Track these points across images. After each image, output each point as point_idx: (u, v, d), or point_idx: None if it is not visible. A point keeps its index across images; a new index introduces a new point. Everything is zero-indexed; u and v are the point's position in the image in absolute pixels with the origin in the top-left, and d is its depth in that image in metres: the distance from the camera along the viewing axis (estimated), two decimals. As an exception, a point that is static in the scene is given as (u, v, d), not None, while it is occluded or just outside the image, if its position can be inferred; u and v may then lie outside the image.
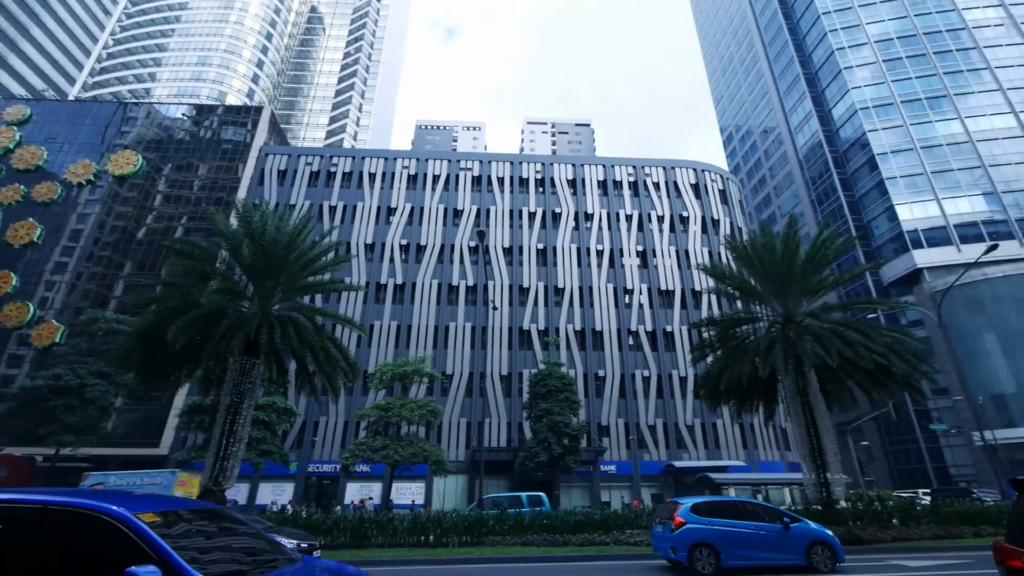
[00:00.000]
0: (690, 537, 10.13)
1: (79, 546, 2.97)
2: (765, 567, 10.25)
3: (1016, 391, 39.66)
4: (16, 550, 2.91)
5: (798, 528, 10.49)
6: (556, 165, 45.73)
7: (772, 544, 10.31)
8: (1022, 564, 4.46)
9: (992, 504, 17.09)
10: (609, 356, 38.45)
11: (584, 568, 11.56)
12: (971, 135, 49.87)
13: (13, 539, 2.92)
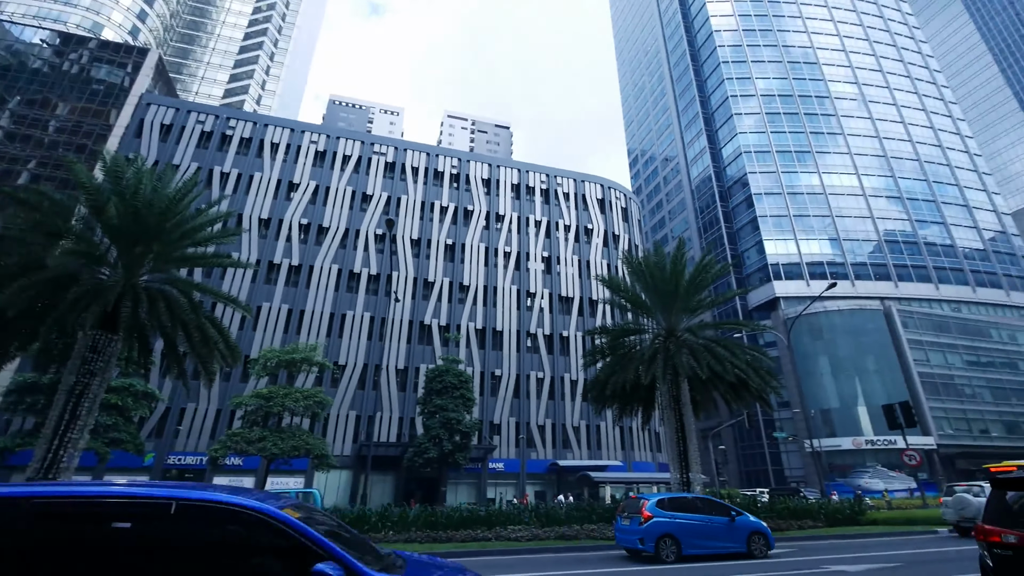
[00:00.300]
0: (657, 529, 11.30)
1: (251, 545, 3.12)
2: (715, 554, 11.67)
3: (839, 407, 47.24)
4: (189, 546, 3.01)
5: (741, 520, 12.06)
6: (473, 163, 45.79)
7: (722, 534, 11.80)
8: (1000, 539, 5.34)
9: (813, 501, 20.19)
10: (507, 356, 39.31)
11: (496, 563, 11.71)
12: (825, 188, 58.54)
13: (191, 535, 3.02)
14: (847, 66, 67.93)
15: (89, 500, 3.01)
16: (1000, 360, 52.24)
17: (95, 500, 3.01)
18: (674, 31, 77.80)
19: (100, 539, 2.92)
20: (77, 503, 2.99)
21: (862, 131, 63.07)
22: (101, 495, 3.05)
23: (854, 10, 73.84)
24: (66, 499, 2.99)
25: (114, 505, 3.02)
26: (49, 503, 2.94)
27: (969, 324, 53.09)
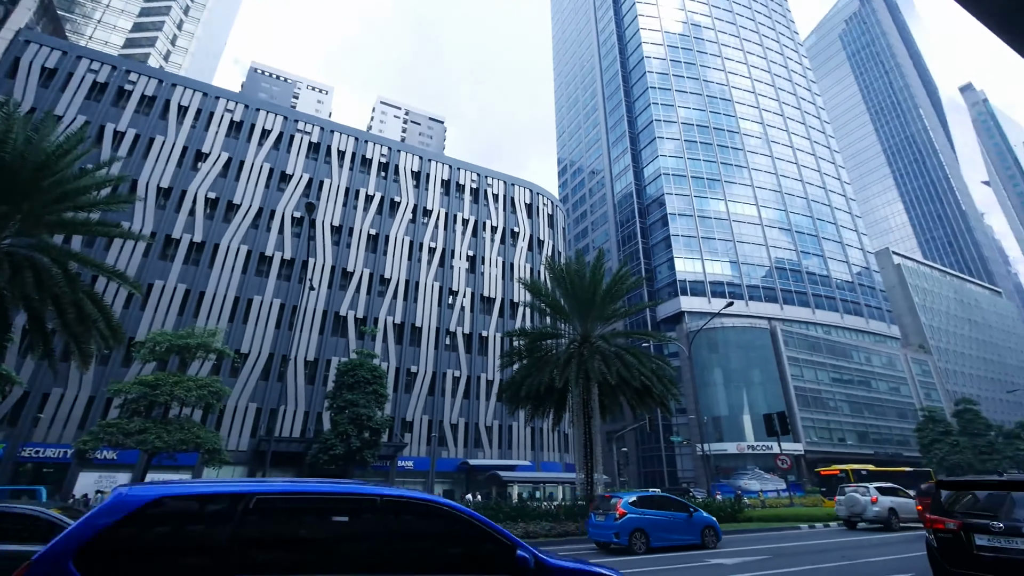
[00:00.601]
0: (630, 524, 12.67)
1: (446, 533, 3.72)
2: (677, 545, 13.17)
3: (728, 414, 51.90)
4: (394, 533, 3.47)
5: (697, 516, 13.71)
6: (404, 153, 44.70)
7: (682, 528, 13.35)
8: (944, 526, 6.73)
9: (701, 500, 22.05)
10: (425, 353, 38.78)
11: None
12: (730, 215, 64.15)
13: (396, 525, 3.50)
14: (755, 107, 75.02)
15: (302, 495, 3.58)
16: (858, 378, 60.30)
17: (308, 495, 3.61)
18: (609, 51, 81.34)
19: (322, 525, 3.57)
20: (288, 498, 3.48)
21: (763, 167, 69.96)
22: (318, 492, 3.65)
23: (764, 58, 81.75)
24: (279, 495, 3.44)
25: (332, 500, 3.63)
26: (265, 498, 3.35)
27: (836, 346, 60.72)
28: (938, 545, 6.73)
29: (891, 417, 60.32)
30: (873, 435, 57.72)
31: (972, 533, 6.35)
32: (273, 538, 3.34)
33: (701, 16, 79.49)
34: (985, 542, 6.22)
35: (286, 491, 3.47)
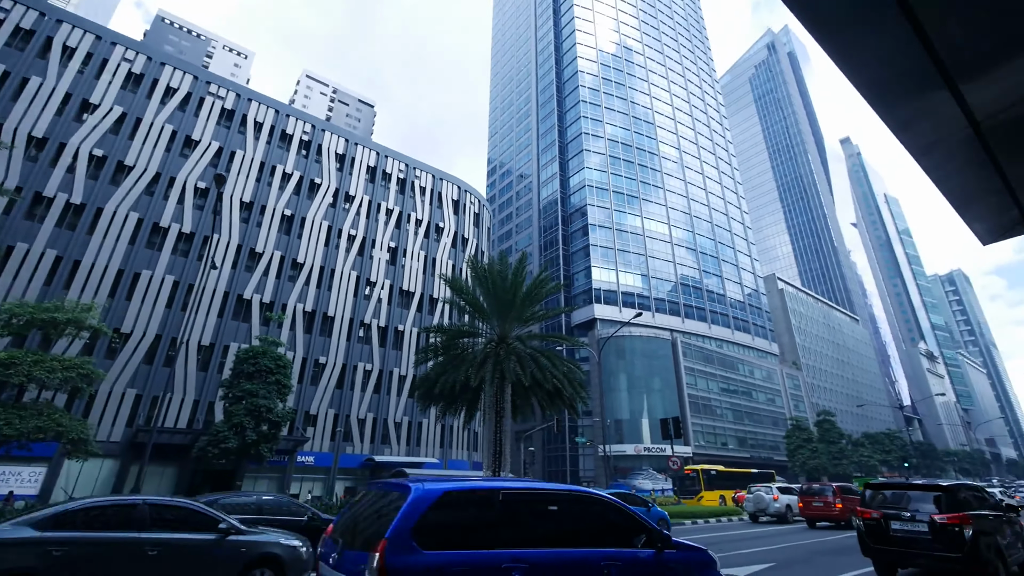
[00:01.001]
0: None
1: (608, 518, 5.09)
2: None
3: (629, 418, 55.15)
4: (581, 516, 4.99)
5: (654, 510, 15.95)
6: (329, 134, 42.48)
7: None
8: (870, 515, 9.05)
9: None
10: (336, 344, 37.12)
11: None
12: (644, 231, 68.29)
13: (582, 511, 5.05)
14: (674, 133, 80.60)
15: (530, 491, 4.91)
16: (741, 389, 66.83)
17: (533, 491, 4.94)
18: (546, 60, 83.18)
19: (538, 512, 4.81)
20: (523, 492, 4.80)
21: (677, 189, 75.32)
22: (538, 488, 5.03)
23: (685, 89, 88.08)
24: (518, 491, 4.76)
25: (547, 494, 4.99)
26: (504, 492, 4.61)
27: (726, 359, 66.85)
28: (865, 529, 9.14)
29: (767, 425, 67.58)
30: (751, 440, 64.29)
31: (889, 520, 8.93)
32: (514, 519, 4.56)
33: (633, 41, 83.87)
34: (897, 526, 8.82)
35: (521, 488, 4.84)
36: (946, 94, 2.61)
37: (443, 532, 4.12)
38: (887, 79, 2.64)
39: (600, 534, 4.91)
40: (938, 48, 2.21)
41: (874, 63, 2.43)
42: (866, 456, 61.51)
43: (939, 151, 3.19)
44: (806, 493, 20.48)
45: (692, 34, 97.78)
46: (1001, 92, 2.59)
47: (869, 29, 2.09)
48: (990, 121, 2.78)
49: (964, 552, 8.07)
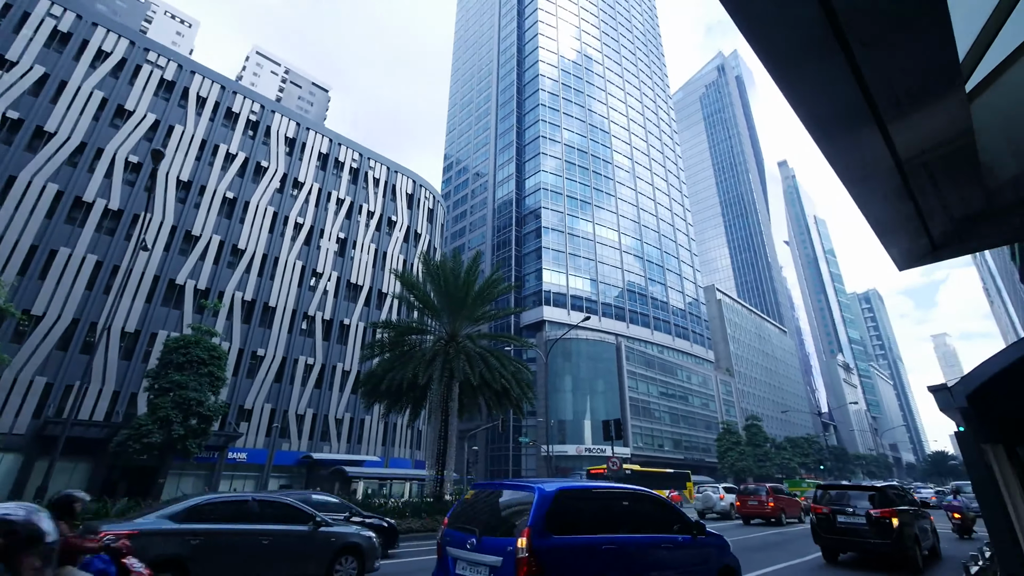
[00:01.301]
0: None
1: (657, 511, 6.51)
2: None
3: (572, 419, 56.28)
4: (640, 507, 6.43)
5: None
6: (279, 116, 40.63)
7: None
8: (821, 510, 11.13)
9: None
10: (276, 336, 35.56)
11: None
12: (595, 237, 69.96)
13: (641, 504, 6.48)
14: (628, 143, 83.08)
15: (611, 490, 6.40)
16: (679, 393, 69.82)
17: (614, 490, 6.43)
18: (507, 61, 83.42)
19: (616, 506, 6.14)
20: (605, 491, 6.30)
21: (628, 198, 77.69)
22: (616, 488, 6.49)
23: (640, 101, 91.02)
24: (604, 489, 6.31)
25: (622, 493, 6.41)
26: (609, 494, 6.27)
27: (666, 364, 69.63)
28: (817, 522, 11.41)
29: (700, 428, 70.96)
30: (685, 443, 67.28)
31: (836, 514, 11.13)
32: (603, 511, 5.86)
33: (593, 51, 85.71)
34: (843, 520, 11.00)
35: (605, 488, 6.31)
36: (876, 131, 2.89)
37: (561, 521, 5.12)
38: (827, 114, 2.87)
39: (654, 523, 6.25)
40: (871, 88, 2.45)
41: (817, 97, 2.64)
42: (787, 459, 65.93)
43: (867, 182, 3.51)
44: (743, 493, 22.39)
45: (649, 49, 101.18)
46: (921, 135, 2.90)
47: (814, 65, 2.28)
48: (910, 159, 3.11)
49: (892, 539, 10.23)
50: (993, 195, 3.46)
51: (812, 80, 2.50)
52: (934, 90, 2.52)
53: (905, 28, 2.01)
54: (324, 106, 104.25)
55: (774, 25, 1.97)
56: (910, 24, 1.96)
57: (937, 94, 2.57)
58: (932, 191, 3.64)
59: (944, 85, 2.46)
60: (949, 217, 3.83)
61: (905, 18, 1.91)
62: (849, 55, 2.23)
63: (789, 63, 2.39)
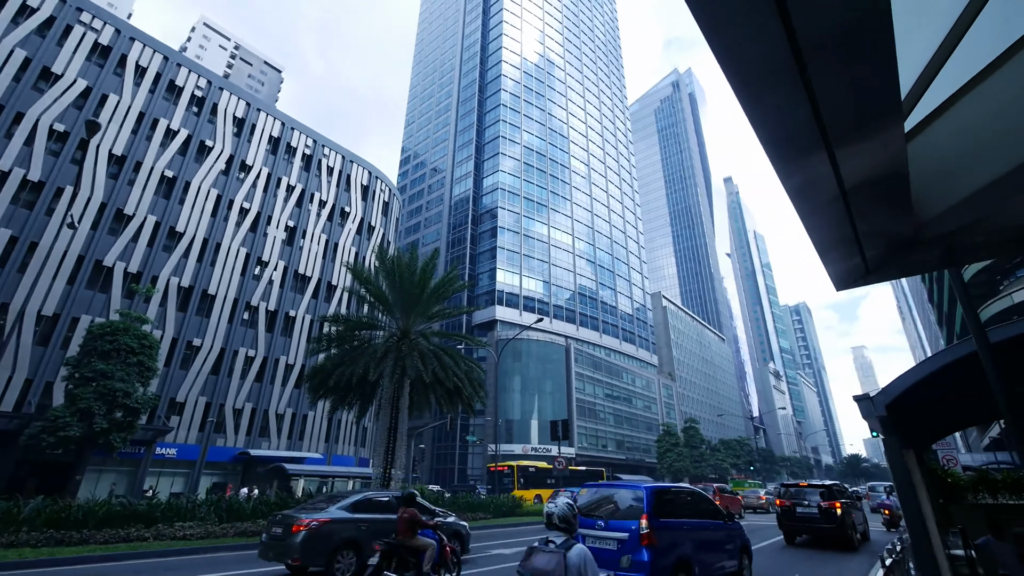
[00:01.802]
0: None
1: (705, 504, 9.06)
2: None
3: (520, 418, 56.77)
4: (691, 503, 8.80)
5: None
6: (228, 93, 38.54)
7: None
8: (783, 503, 14.84)
9: (487, 497, 23.71)
10: (215, 326, 33.72)
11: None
12: (549, 239, 70.94)
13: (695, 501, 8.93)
14: (585, 150, 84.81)
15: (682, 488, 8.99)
16: (623, 395, 71.98)
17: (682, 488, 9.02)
18: (471, 58, 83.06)
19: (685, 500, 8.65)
20: (680, 489, 8.89)
21: (583, 203, 79.30)
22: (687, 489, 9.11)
23: (598, 110, 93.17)
24: (679, 490, 8.82)
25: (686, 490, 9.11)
26: (680, 491, 8.75)
27: (612, 367, 71.58)
28: (781, 513, 14.74)
29: (642, 429, 73.47)
30: (627, 444, 69.44)
31: (795, 507, 14.47)
32: (679, 503, 8.18)
33: (556, 56, 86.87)
34: (800, 510, 14.33)
35: (677, 487, 8.69)
36: (825, 157, 3.16)
37: (659, 509, 7.27)
38: (784, 136, 3.09)
39: (705, 512, 8.69)
40: (823, 115, 2.69)
41: (777, 120, 2.85)
42: (721, 460, 69.45)
43: (814, 204, 3.82)
44: None
45: (610, 59, 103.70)
46: (863, 165, 3.21)
47: (777, 90, 2.49)
48: (853, 186, 3.43)
49: (836, 524, 13.78)
50: (921, 227, 3.87)
51: (774, 104, 2.70)
52: (876, 124, 2.80)
53: (856, 60, 2.24)
54: (276, 87, 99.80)
55: (745, 50, 2.14)
56: (861, 57, 2.19)
57: (879, 128, 2.85)
58: (869, 218, 4.01)
59: (886, 120, 2.75)
60: (882, 244, 4.24)
61: (857, 51, 2.13)
62: (807, 82, 2.45)
63: (755, 87, 2.58)
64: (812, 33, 2.08)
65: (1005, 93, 3.17)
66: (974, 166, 3.20)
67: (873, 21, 2.03)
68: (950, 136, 3.27)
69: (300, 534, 8.54)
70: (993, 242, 4.61)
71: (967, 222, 3.76)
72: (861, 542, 14.94)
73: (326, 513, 9.08)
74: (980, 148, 3.16)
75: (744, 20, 2.03)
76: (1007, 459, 27.74)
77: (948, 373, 6.11)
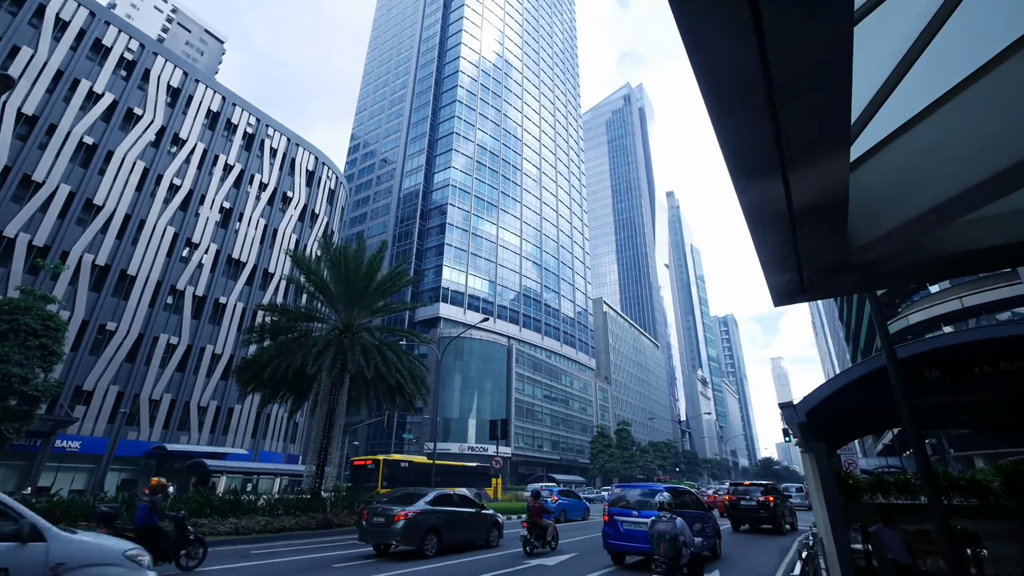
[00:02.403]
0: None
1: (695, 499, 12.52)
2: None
3: (458, 417, 56.50)
4: None
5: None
6: (162, 59, 35.71)
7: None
8: (731, 497, 18.96)
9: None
10: (133, 309, 31.10)
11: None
12: (498, 240, 71.20)
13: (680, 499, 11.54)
14: (537, 153, 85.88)
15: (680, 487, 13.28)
16: (561, 397, 73.45)
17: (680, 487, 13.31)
18: (429, 50, 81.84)
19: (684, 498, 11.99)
20: (680, 488, 13.19)
21: (532, 206, 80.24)
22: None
23: (552, 115, 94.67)
24: (685, 491, 13.21)
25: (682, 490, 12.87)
26: (685, 492, 12.79)
27: (552, 369, 72.87)
28: (729, 505, 18.60)
29: (577, 431, 75.27)
30: (563, 444, 70.90)
31: (740, 500, 18.31)
32: (682, 498, 11.64)
33: (514, 58, 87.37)
34: (744, 503, 18.15)
35: (676, 487, 12.52)
36: (780, 179, 3.43)
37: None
38: (746, 155, 3.32)
39: (696, 505, 11.88)
40: (783, 139, 2.93)
41: (742, 140, 3.06)
42: (650, 461, 72.49)
43: (764, 222, 4.12)
44: None
45: (567, 67, 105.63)
46: (810, 189, 3.52)
47: (746, 112, 2.68)
48: (800, 208, 3.73)
49: (770, 514, 17.56)
50: (852, 253, 4.29)
51: (743, 124, 2.91)
52: (827, 151, 3.08)
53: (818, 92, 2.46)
54: (217, 58, 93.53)
55: (724, 75, 2.31)
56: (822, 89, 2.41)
57: (829, 155, 3.14)
58: (810, 240, 4.39)
59: (835, 149, 3.03)
60: (818, 265, 4.65)
61: (820, 84, 2.34)
62: (773, 108, 2.65)
63: (728, 108, 2.77)
64: (784, 64, 2.27)
65: (931, 137, 3.60)
66: (904, 200, 3.60)
67: (837, 59, 2.26)
68: (884, 172, 3.67)
69: (400, 522, 11.22)
70: (910, 271, 5.18)
71: (893, 251, 4.20)
72: (790, 530, 18.62)
73: (415, 507, 11.70)
74: (909, 184, 3.57)
75: (726, 49, 2.20)
76: (896, 463, 30.98)
77: (859, 385, 6.77)
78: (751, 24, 2.14)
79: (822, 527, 6.67)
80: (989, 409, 8.16)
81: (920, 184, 3.58)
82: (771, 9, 1.96)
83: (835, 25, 2.08)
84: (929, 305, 26.46)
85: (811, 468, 6.79)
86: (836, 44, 2.20)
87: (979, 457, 23.55)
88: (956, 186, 3.37)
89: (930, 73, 3.41)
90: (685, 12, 2.03)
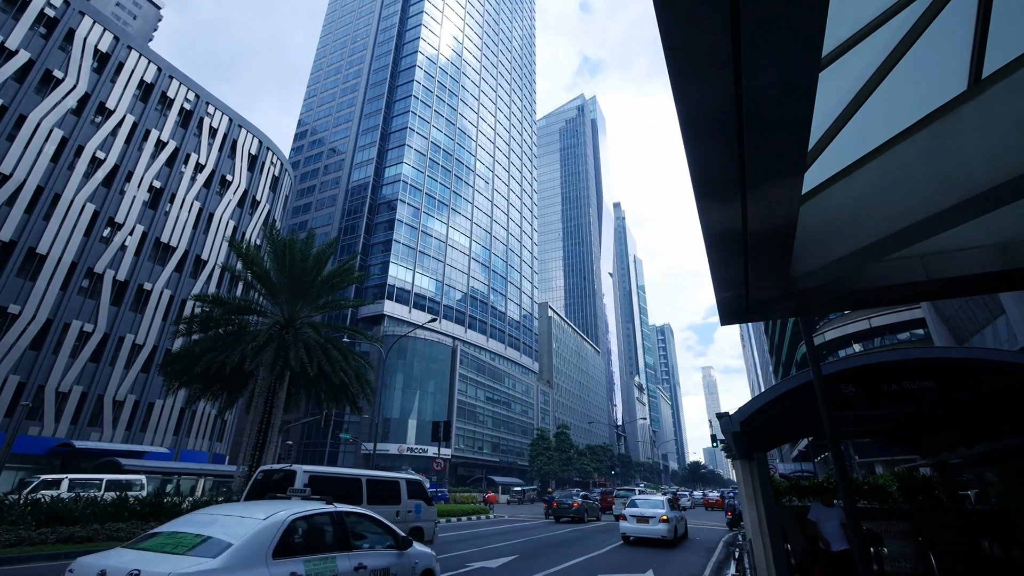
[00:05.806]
0: None
1: None
2: None
3: (398, 417, 55.43)
4: None
5: None
6: (89, 20, 32.72)
7: None
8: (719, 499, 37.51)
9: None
10: (41, 291, 28.22)
11: None
12: (447, 239, 70.68)
13: None
14: (491, 155, 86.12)
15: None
16: (503, 399, 73.84)
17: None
18: (386, 41, 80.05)
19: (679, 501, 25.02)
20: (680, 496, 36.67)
21: (483, 208, 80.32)
22: None
23: (508, 119, 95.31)
24: (680, 495, 37.48)
25: None
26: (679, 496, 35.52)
27: (496, 371, 73.14)
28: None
29: (517, 433, 75.92)
30: (503, 446, 71.25)
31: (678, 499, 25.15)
32: (678, 503, 23.48)
33: (472, 58, 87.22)
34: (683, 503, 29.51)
35: (680, 494, 34.85)
36: (739, 204, 3.71)
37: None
38: (713, 179, 3.54)
39: (682, 507, 21.91)
40: (746, 164, 3.18)
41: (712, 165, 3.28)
42: (587, 464, 74.34)
43: (722, 244, 4.41)
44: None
45: (524, 72, 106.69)
46: (765, 217, 3.84)
47: (716, 142, 2.92)
48: (754, 234, 4.06)
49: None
50: (793, 280, 4.71)
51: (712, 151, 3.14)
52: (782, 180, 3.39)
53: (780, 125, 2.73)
54: (152, 24, 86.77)
55: (700, 107, 2.55)
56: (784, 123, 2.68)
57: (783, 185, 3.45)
58: (758, 264, 4.79)
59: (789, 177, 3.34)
60: (762, 289, 5.05)
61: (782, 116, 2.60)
62: (740, 134, 2.90)
63: (701, 135, 3.01)
64: (756, 102, 2.52)
65: (864, 185, 4.06)
66: (843, 236, 4.03)
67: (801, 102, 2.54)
68: (825, 211, 4.09)
69: None
70: (839, 299, 5.75)
71: (827, 281, 4.65)
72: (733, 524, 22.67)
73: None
74: (848, 222, 3.99)
75: (707, 86, 2.44)
76: (810, 468, 33.71)
77: (787, 398, 7.40)
78: (731, 67, 2.37)
79: (751, 528, 7.18)
80: (891, 421, 9.17)
81: (858, 223, 4.01)
82: (751, 55, 2.20)
83: (803, 72, 2.35)
84: (842, 324, 29.03)
85: (747, 474, 7.29)
86: (801, 89, 2.48)
87: (879, 464, 26.06)
88: (887, 227, 3.82)
89: (865, 129, 3.85)
90: (675, 58, 2.25)
